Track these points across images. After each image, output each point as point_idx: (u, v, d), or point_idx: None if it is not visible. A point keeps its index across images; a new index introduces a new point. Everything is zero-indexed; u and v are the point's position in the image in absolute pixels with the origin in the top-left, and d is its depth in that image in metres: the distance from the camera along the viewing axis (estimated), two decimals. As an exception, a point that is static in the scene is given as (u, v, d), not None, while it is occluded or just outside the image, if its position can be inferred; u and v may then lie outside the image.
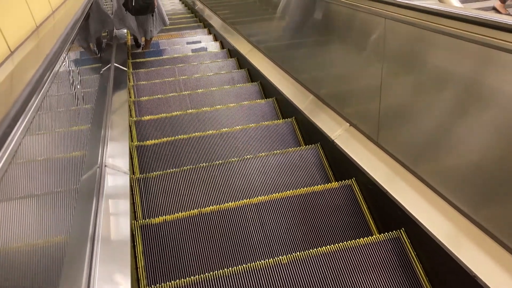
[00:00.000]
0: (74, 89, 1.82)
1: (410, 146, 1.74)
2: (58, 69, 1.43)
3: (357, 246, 1.69)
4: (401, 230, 1.72)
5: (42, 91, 1.13)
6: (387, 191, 1.76)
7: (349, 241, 1.70)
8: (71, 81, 1.80)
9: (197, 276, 1.56)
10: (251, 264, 1.60)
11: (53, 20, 2.09)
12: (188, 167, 2.29)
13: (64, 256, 1.16)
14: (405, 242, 1.68)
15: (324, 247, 1.68)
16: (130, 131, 2.75)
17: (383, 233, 1.73)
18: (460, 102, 1.44)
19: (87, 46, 2.85)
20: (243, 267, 1.60)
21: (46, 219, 1.11)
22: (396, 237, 1.71)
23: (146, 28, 4.43)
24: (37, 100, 1.06)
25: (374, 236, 1.74)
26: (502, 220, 1.33)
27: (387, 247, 1.69)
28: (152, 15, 4.33)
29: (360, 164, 1.97)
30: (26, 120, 0.96)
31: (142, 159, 2.45)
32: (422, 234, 1.55)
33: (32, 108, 1.02)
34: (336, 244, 1.69)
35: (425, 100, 1.60)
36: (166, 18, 4.60)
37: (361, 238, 1.71)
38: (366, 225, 1.93)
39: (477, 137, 1.38)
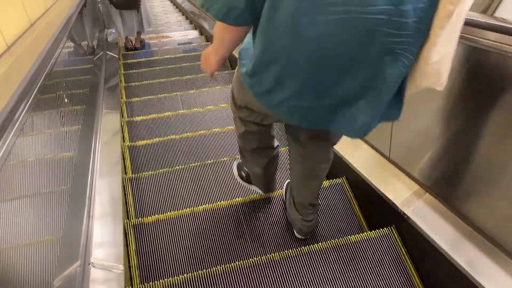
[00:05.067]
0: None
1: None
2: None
3: (349, 243, 1.71)
4: (392, 227, 1.74)
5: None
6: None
7: (341, 238, 1.72)
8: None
9: (189, 274, 1.57)
10: (244, 262, 1.61)
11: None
12: (180, 166, 2.29)
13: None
14: (396, 238, 1.71)
15: (316, 244, 1.69)
16: (122, 131, 2.74)
17: (374, 230, 1.76)
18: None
19: (79, 44, 2.87)
20: (236, 264, 1.60)
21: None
22: (386, 234, 1.73)
23: (131, 25, 4.41)
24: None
25: (365, 233, 1.76)
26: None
27: (378, 243, 1.71)
28: (137, 11, 4.32)
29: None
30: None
31: (134, 159, 2.45)
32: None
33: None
34: (328, 241, 1.70)
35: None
36: (151, 18, 4.61)
37: (353, 235, 1.74)
38: (357, 222, 1.95)
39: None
